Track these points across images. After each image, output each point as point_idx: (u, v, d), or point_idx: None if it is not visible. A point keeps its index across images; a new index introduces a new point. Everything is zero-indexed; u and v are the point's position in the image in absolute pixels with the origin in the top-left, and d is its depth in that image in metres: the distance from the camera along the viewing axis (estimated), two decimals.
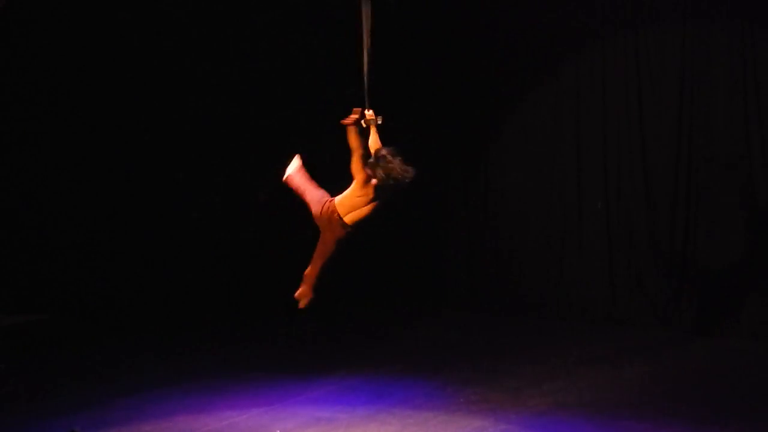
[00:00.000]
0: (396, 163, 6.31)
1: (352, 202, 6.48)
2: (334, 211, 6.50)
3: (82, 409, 7.44)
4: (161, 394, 7.88)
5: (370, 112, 6.65)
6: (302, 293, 6.80)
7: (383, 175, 6.32)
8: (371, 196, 6.41)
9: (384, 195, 6.45)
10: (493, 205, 11.30)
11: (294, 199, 6.98)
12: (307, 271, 6.75)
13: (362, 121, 6.57)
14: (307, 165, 7.03)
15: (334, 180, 6.82)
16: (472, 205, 11.48)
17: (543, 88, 10.88)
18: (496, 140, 11.22)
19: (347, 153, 6.45)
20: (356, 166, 6.37)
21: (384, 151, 6.39)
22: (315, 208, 6.63)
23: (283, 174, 6.97)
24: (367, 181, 6.37)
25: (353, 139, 6.37)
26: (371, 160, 6.41)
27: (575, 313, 10.56)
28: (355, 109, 6.53)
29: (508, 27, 11.02)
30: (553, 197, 10.83)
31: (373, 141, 6.68)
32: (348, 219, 6.49)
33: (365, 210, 6.46)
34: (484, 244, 11.38)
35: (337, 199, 6.56)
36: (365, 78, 6.68)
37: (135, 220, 11.43)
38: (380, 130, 6.74)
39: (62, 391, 8.07)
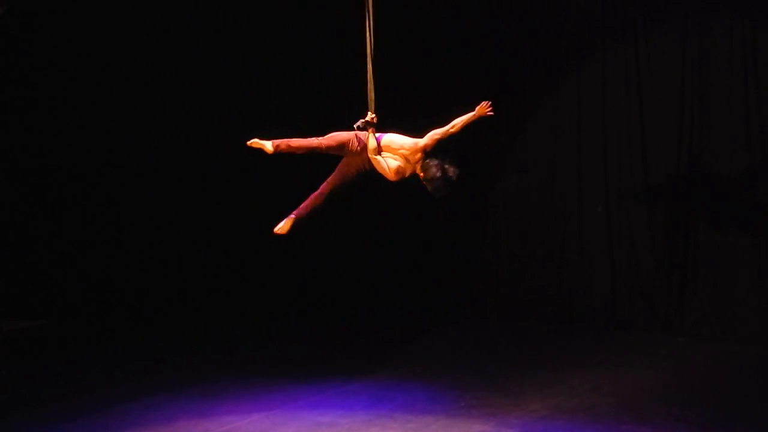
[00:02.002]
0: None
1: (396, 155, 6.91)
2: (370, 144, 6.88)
3: (82, 415, 7.44)
4: (162, 399, 7.87)
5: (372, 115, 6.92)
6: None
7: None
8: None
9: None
10: (494, 210, 11.29)
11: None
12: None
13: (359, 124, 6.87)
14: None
15: None
16: (473, 211, 11.47)
17: (544, 94, 10.87)
18: (499, 144, 11.21)
19: None
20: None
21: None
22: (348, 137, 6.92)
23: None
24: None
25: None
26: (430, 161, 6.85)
27: (576, 317, 10.55)
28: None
29: (510, 33, 11.01)
30: (554, 202, 10.82)
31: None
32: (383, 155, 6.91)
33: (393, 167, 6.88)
34: (484, 249, 11.37)
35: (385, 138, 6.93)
36: (369, 82, 6.93)
37: (134, 226, 11.44)
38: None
39: (62, 396, 8.06)
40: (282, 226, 6.96)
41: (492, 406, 7.46)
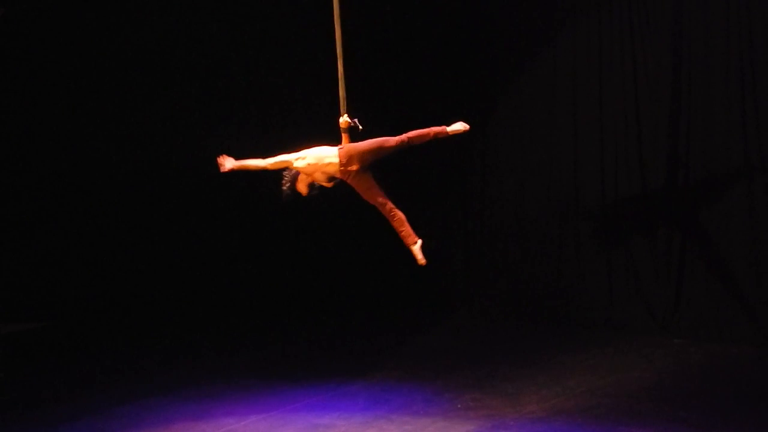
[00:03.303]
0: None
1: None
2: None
3: (80, 418, 7.44)
4: (159, 402, 7.87)
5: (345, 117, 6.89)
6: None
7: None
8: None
9: None
10: (490, 211, 11.29)
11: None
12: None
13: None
14: None
15: None
16: (469, 211, 11.47)
17: (538, 93, 10.87)
18: (493, 144, 11.21)
19: None
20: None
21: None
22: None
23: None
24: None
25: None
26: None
27: (573, 318, 10.54)
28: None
29: (500, 33, 11.06)
30: (550, 203, 10.82)
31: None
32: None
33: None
34: (481, 249, 11.36)
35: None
36: (341, 83, 6.86)
37: (132, 228, 11.44)
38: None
39: (60, 399, 8.07)
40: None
41: (489, 408, 7.46)
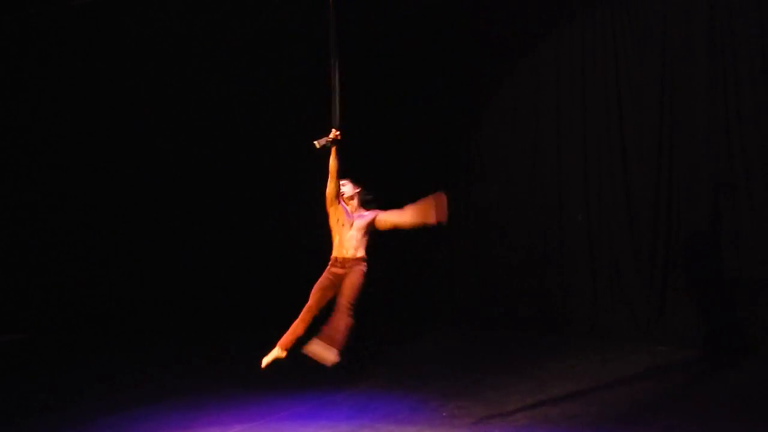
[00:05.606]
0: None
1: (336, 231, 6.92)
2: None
3: (66, 428, 7.41)
4: (144, 411, 7.85)
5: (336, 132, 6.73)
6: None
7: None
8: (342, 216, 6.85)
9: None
10: (475, 220, 11.31)
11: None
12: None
13: (320, 142, 6.69)
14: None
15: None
16: (454, 221, 11.48)
17: (522, 102, 10.92)
18: (477, 154, 11.25)
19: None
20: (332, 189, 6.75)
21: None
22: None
23: None
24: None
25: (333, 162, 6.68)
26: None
27: (558, 326, 10.56)
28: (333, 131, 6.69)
29: (485, 43, 11.11)
30: (534, 211, 10.85)
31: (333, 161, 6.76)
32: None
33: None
34: (466, 259, 11.38)
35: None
36: (335, 95, 6.75)
37: (116, 241, 11.44)
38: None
39: (45, 410, 8.03)
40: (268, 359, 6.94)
41: (474, 416, 7.46)
